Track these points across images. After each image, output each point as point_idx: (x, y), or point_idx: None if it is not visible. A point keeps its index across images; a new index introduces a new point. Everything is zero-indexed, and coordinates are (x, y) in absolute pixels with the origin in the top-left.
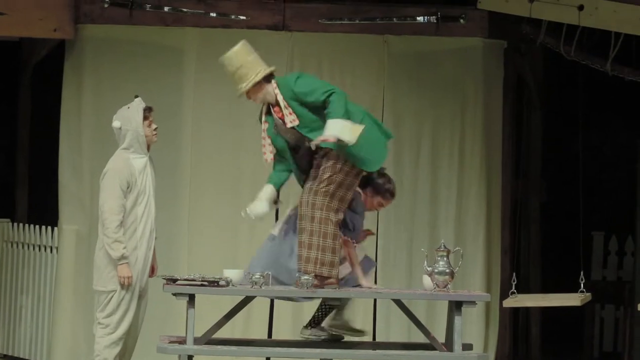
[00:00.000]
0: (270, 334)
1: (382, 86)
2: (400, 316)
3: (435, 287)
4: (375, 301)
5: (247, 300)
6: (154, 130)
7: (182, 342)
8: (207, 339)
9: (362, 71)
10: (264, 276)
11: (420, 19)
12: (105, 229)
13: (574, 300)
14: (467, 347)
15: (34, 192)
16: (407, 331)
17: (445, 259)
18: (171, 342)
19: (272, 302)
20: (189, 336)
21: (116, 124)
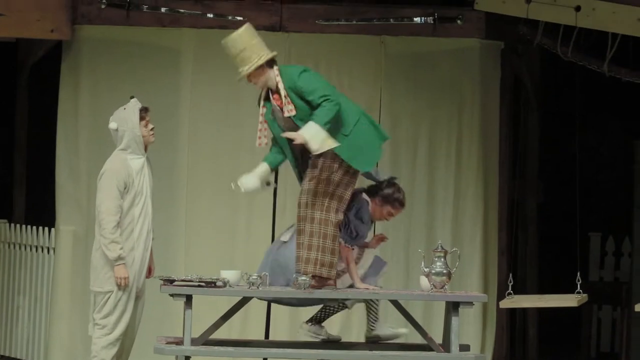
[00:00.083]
0: (267, 335)
1: (379, 87)
2: (397, 317)
3: (432, 288)
4: None
5: (244, 301)
6: (151, 130)
7: (179, 342)
8: (204, 340)
9: (359, 72)
10: (261, 277)
11: (417, 19)
12: (102, 230)
13: (570, 301)
14: (465, 347)
15: (31, 193)
16: (403, 325)
17: (442, 259)
18: (168, 342)
19: (269, 302)
20: (186, 337)
21: (113, 126)
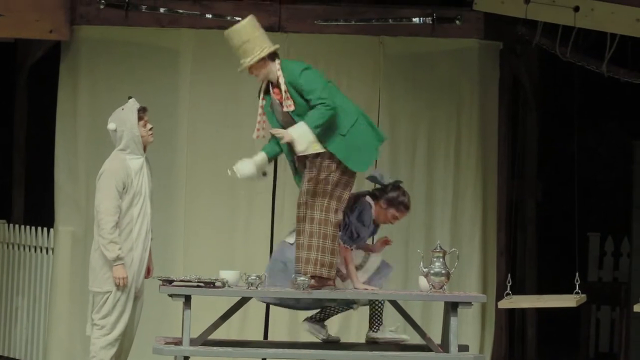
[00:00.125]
0: (266, 335)
1: (377, 87)
2: (396, 317)
3: (431, 288)
4: None
5: (243, 301)
6: (150, 130)
7: (178, 343)
8: (203, 340)
9: (358, 72)
10: (259, 277)
11: (416, 20)
12: (100, 230)
13: (569, 301)
14: (463, 348)
15: (30, 193)
16: (403, 332)
17: (441, 260)
18: (167, 343)
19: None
20: (185, 337)
21: (111, 126)
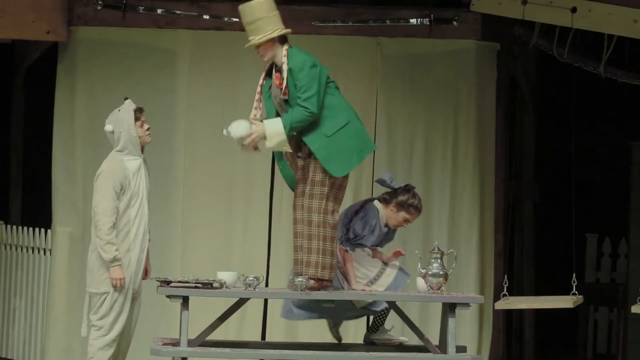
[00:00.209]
0: (264, 336)
1: (375, 88)
2: (394, 318)
3: (428, 289)
4: None
5: (241, 302)
6: (147, 130)
7: (175, 344)
8: (200, 341)
9: (355, 73)
10: (257, 278)
11: (413, 21)
12: (98, 231)
13: (566, 302)
14: (461, 349)
15: (27, 195)
16: (400, 333)
17: (439, 261)
18: (165, 344)
19: (266, 303)
20: (183, 338)
21: (108, 128)
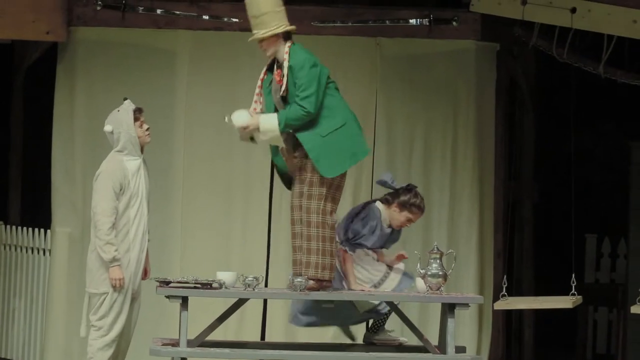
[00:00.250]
0: (263, 336)
1: (374, 89)
2: (393, 318)
3: (428, 290)
4: None
5: (240, 302)
6: (147, 130)
7: (175, 344)
8: (200, 342)
9: (355, 73)
10: (257, 278)
11: (412, 21)
12: (97, 231)
13: (565, 302)
14: (460, 349)
15: (26, 195)
16: (400, 333)
17: (438, 261)
18: (164, 344)
19: (265, 304)
20: (182, 338)
21: (108, 128)
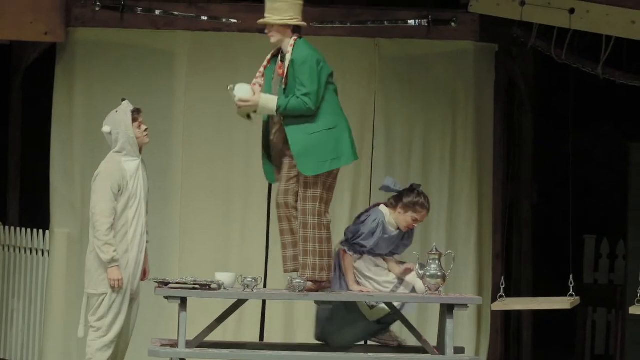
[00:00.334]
0: (262, 337)
1: (373, 89)
2: None
3: (427, 290)
4: None
5: (239, 303)
6: (145, 131)
7: (174, 345)
8: (198, 342)
9: (353, 74)
10: (255, 279)
11: (411, 22)
12: (96, 232)
13: (563, 303)
14: (459, 350)
15: (25, 196)
16: (398, 334)
17: (437, 262)
18: (163, 345)
19: (264, 305)
20: (181, 339)
21: (106, 129)
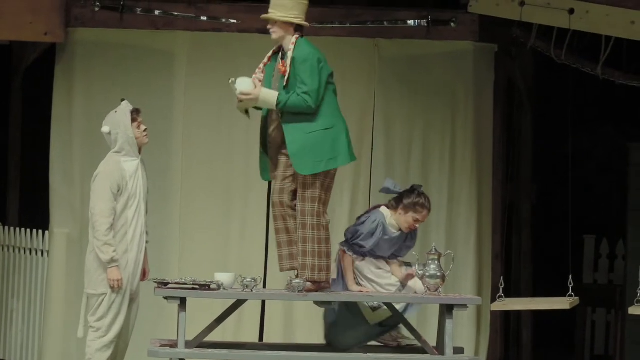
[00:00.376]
0: (261, 337)
1: (372, 90)
2: None
3: (426, 291)
4: None
5: (238, 303)
6: (144, 131)
7: (173, 345)
8: (198, 343)
9: (353, 75)
10: (255, 279)
11: (411, 22)
12: (95, 232)
13: (562, 303)
14: (459, 350)
15: (25, 196)
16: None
17: (436, 262)
18: (162, 345)
19: (264, 305)
20: (181, 339)
21: (105, 129)
